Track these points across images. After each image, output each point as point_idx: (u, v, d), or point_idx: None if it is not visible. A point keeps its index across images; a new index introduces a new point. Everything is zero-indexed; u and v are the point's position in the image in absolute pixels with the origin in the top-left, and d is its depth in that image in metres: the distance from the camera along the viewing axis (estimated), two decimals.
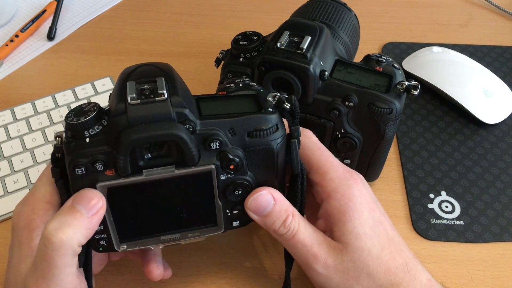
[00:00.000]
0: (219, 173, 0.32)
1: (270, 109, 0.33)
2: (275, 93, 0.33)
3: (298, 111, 0.33)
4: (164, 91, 0.30)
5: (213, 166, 0.31)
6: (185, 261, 0.42)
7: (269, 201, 0.34)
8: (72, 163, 0.30)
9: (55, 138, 0.31)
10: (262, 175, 0.34)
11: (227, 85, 0.35)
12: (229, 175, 0.32)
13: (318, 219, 0.36)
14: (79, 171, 0.30)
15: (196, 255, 0.42)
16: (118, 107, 0.29)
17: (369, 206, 0.35)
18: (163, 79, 0.31)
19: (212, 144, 0.31)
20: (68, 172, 0.31)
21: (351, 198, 0.34)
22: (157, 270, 0.37)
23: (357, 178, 0.35)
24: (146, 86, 0.30)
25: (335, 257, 0.34)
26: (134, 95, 0.30)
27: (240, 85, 0.35)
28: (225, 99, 0.34)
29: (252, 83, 0.35)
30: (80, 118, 0.30)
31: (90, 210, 0.30)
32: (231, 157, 0.31)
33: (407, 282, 0.34)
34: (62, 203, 0.32)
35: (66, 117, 0.30)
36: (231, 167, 0.32)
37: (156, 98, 0.29)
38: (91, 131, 0.30)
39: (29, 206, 0.32)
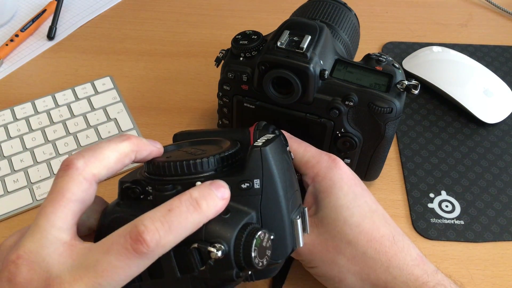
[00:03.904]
0: None
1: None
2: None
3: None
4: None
5: None
6: None
7: None
8: None
9: (215, 257, 0.27)
10: None
11: None
12: None
13: (304, 202, 0.38)
14: None
15: None
16: (288, 249, 0.31)
17: (350, 182, 0.36)
18: (306, 210, 0.33)
19: None
20: None
21: (331, 178, 0.36)
22: None
23: (336, 159, 0.37)
24: (299, 217, 0.32)
25: (310, 233, 0.35)
26: (302, 241, 0.31)
27: (291, 156, 0.36)
28: None
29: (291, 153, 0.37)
30: (263, 262, 0.28)
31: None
32: None
33: (394, 251, 0.34)
34: None
35: (253, 257, 0.27)
36: None
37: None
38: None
39: None
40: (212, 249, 0.26)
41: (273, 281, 0.41)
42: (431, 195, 0.47)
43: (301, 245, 0.31)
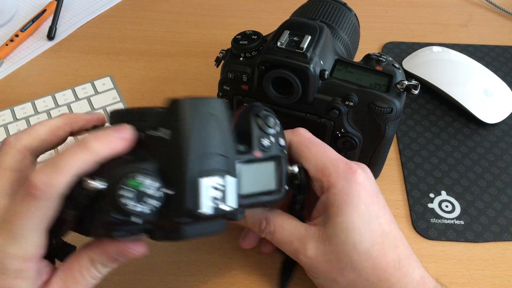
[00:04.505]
0: None
1: (286, 187, 0.34)
2: (292, 168, 0.35)
3: (305, 185, 0.36)
4: (235, 206, 0.30)
5: None
6: (185, 261, 0.42)
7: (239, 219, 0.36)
8: (105, 234, 0.30)
9: (87, 188, 0.28)
10: None
11: (264, 144, 0.34)
12: None
13: (314, 209, 0.37)
14: (113, 236, 0.30)
15: (196, 255, 0.42)
16: (186, 209, 0.29)
17: (368, 200, 0.34)
18: (233, 181, 0.30)
19: None
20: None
21: (348, 193, 0.34)
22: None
23: (357, 170, 0.35)
24: (217, 184, 0.30)
25: (316, 248, 0.34)
26: (206, 206, 0.29)
27: (273, 140, 0.34)
28: (257, 164, 0.33)
29: (281, 141, 0.35)
30: (142, 208, 0.28)
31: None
32: None
33: (397, 278, 0.33)
34: None
35: (120, 195, 0.27)
36: None
37: (226, 209, 0.30)
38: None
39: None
40: (89, 181, 0.27)
41: (281, 276, 0.41)
42: (431, 195, 0.47)
43: (203, 209, 0.28)
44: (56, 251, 0.33)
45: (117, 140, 0.29)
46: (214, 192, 0.29)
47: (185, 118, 0.29)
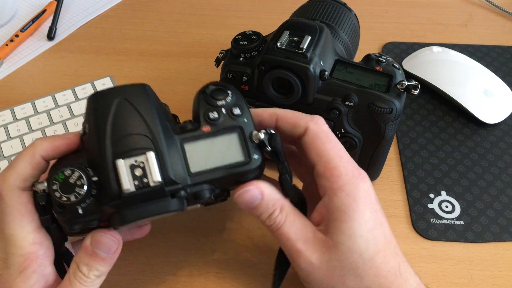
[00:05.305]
0: None
1: (255, 156, 0.34)
2: (259, 133, 0.34)
3: (280, 150, 0.34)
4: (159, 179, 0.30)
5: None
6: (185, 261, 0.42)
7: (256, 197, 0.34)
8: (68, 230, 0.32)
9: (37, 190, 0.32)
10: None
11: (211, 116, 0.34)
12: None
13: (314, 210, 0.36)
14: (75, 231, 0.32)
15: (197, 255, 0.42)
16: (112, 191, 0.30)
17: (373, 207, 0.34)
18: (153, 155, 0.31)
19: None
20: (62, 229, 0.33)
21: (355, 198, 0.33)
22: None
23: (365, 177, 0.34)
24: (137, 162, 0.31)
25: (321, 254, 0.33)
26: (129, 184, 0.30)
27: (223, 111, 0.34)
28: (209, 138, 0.34)
29: (236, 111, 0.34)
30: (70, 197, 0.30)
31: (114, 254, 0.33)
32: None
33: (397, 285, 0.33)
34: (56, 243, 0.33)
35: (53, 190, 0.30)
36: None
37: (151, 184, 0.30)
38: (83, 205, 0.30)
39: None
40: (37, 184, 0.31)
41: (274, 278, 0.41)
42: (431, 195, 0.47)
43: (128, 187, 0.30)
44: (67, 263, 0.34)
45: (59, 139, 0.33)
46: (136, 170, 0.30)
47: (96, 109, 0.32)
